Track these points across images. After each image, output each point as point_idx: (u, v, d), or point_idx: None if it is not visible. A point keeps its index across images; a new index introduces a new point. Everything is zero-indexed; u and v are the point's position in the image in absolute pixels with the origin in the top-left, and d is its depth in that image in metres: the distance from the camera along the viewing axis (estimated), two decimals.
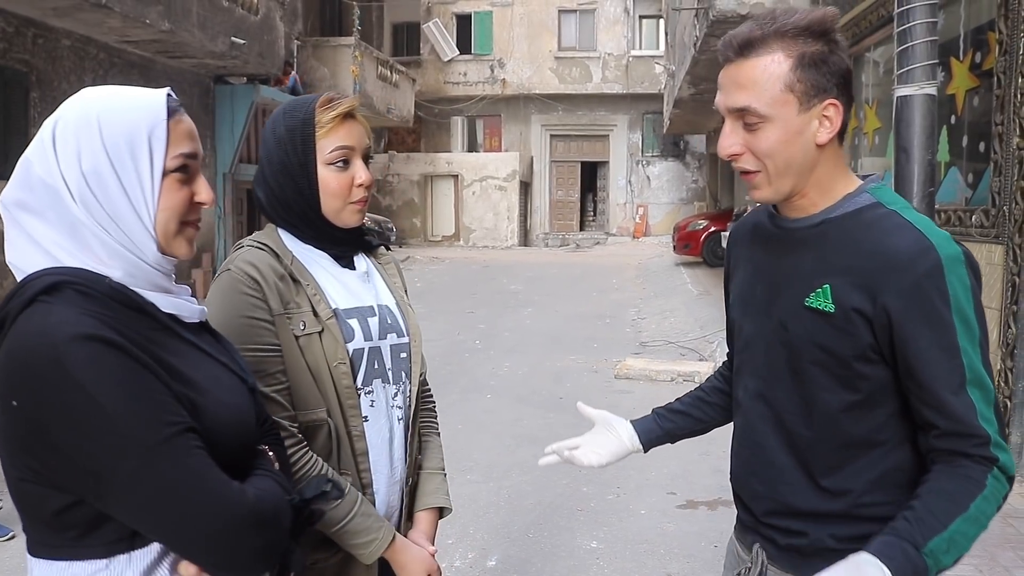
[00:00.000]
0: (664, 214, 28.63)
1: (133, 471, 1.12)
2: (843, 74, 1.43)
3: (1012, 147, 4.93)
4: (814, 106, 1.41)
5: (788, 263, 1.50)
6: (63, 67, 11.57)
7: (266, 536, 1.22)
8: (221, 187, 15.45)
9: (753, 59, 1.41)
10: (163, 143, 1.26)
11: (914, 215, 1.42)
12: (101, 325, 1.14)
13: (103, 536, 1.19)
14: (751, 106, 1.42)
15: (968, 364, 1.36)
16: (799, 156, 1.43)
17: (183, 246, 1.32)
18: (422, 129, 29.00)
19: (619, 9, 28.26)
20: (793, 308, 1.47)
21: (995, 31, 5.12)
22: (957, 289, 1.35)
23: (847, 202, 1.47)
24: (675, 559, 4.27)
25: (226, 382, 1.31)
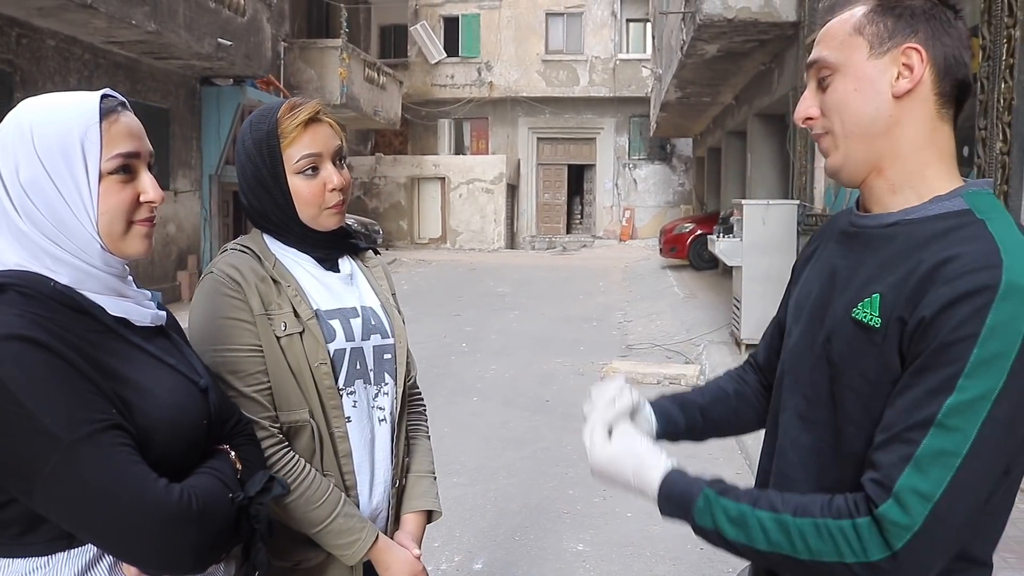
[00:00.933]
0: (650, 217, 28.70)
1: (53, 468, 1.13)
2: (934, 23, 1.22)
3: (995, 152, 4.97)
4: (889, 50, 1.22)
5: (848, 266, 1.28)
6: (48, 67, 11.51)
7: (195, 533, 1.21)
8: (207, 189, 15.39)
9: (837, 15, 1.29)
10: (97, 146, 1.26)
11: (1006, 230, 1.14)
12: (32, 325, 1.15)
13: (42, 534, 1.20)
14: (820, 56, 1.28)
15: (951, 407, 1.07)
16: (870, 109, 1.23)
17: (136, 244, 1.32)
18: (409, 131, 28.98)
19: (606, 12, 28.32)
20: (840, 318, 1.24)
21: (978, 37, 5.16)
22: (1003, 327, 1.05)
23: (933, 204, 1.22)
24: (661, 562, 4.27)
25: (168, 383, 1.31)
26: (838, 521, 1.12)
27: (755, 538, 1.18)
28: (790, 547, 1.14)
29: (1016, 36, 4.80)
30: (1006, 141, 4.89)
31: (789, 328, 1.42)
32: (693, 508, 1.24)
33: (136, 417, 1.22)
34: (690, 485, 1.26)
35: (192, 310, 1.71)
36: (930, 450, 1.07)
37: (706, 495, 1.23)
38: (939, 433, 1.07)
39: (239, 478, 1.38)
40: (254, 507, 1.35)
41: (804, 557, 1.13)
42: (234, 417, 1.49)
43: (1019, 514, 4.51)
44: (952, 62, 1.23)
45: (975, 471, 1.07)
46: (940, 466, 1.07)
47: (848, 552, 1.10)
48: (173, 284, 13.79)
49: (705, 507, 1.22)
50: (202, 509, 1.23)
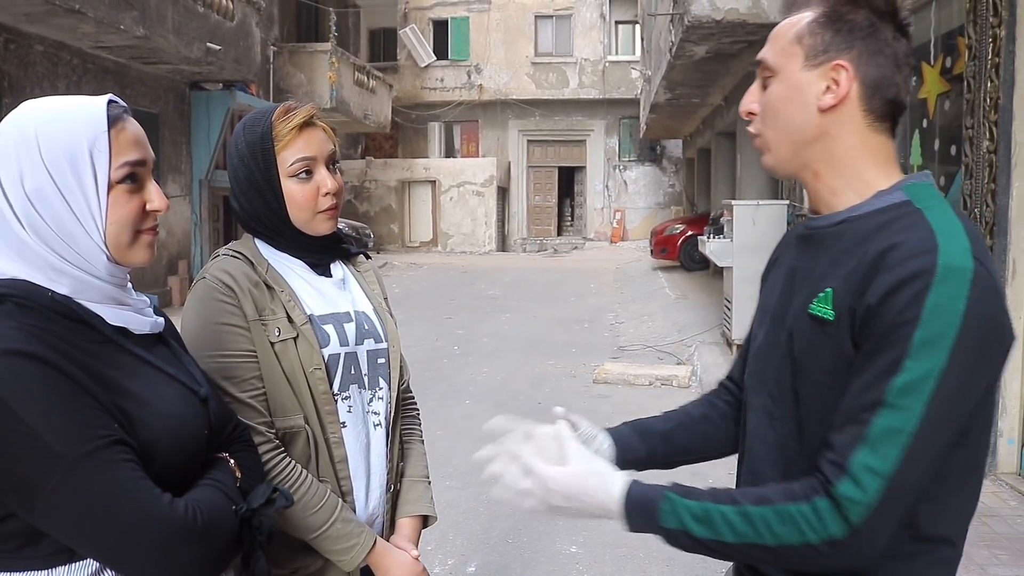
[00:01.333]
0: (641, 219, 28.74)
1: (56, 486, 1.10)
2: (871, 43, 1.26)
3: (982, 150, 5.00)
4: (821, 64, 1.27)
5: (804, 267, 1.34)
6: (36, 73, 11.46)
7: (200, 548, 1.19)
8: (197, 194, 15.36)
9: (791, 15, 1.33)
10: (105, 155, 1.23)
11: (941, 216, 1.20)
12: (31, 339, 1.13)
13: (42, 548, 1.17)
14: (764, 57, 1.34)
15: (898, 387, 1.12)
16: (797, 119, 1.29)
17: (141, 253, 1.30)
18: (399, 135, 28.95)
19: (595, 14, 28.36)
20: (799, 316, 1.29)
21: (965, 36, 5.19)
22: (942, 308, 1.11)
23: (876, 199, 1.27)
24: (654, 563, 4.28)
25: (169, 394, 1.29)
26: (796, 505, 1.17)
27: (722, 532, 1.20)
28: (756, 535, 1.18)
29: (1001, 35, 4.83)
30: (993, 140, 4.92)
31: (754, 332, 1.47)
32: (658, 512, 1.24)
33: (138, 430, 1.20)
34: (651, 491, 1.27)
35: (184, 315, 1.69)
36: (880, 429, 1.13)
37: (668, 498, 1.25)
38: (888, 412, 1.13)
39: (239, 487, 1.36)
40: (257, 519, 1.34)
41: (770, 543, 1.17)
42: (231, 423, 1.47)
43: (1010, 511, 4.54)
44: (883, 82, 1.27)
45: (924, 446, 1.13)
46: (890, 443, 1.12)
47: (810, 532, 1.15)
48: (164, 289, 13.75)
49: (669, 509, 1.24)
50: (207, 524, 1.21)
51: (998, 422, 5.02)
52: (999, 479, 4.99)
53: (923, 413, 1.11)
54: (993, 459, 5.06)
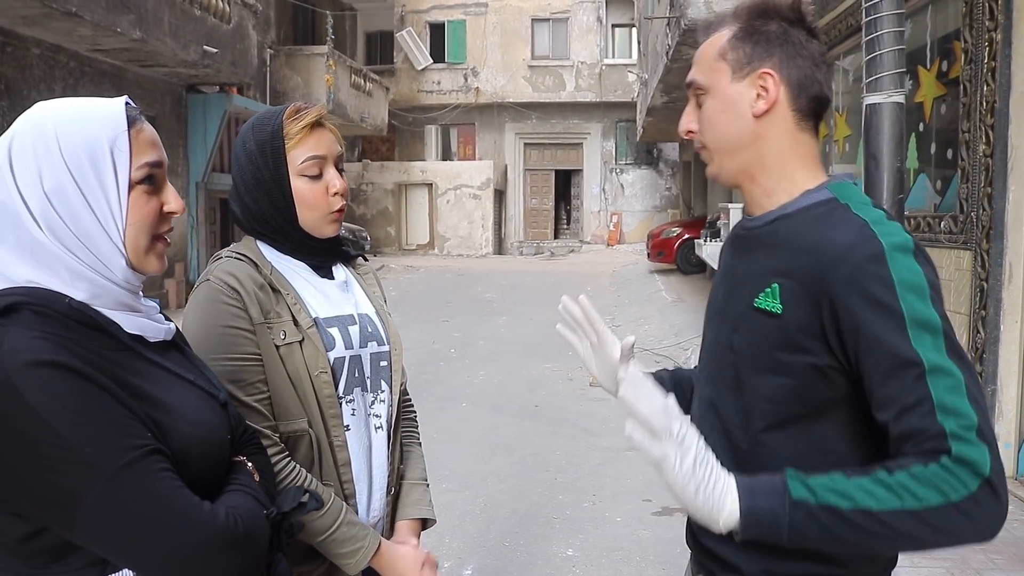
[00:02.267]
0: (638, 222, 28.76)
1: (96, 499, 1.08)
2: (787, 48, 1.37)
3: (979, 154, 5.01)
4: (748, 75, 1.38)
5: (744, 264, 1.44)
6: (33, 76, 11.45)
7: (241, 556, 1.18)
8: (194, 197, 15.35)
9: (710, 36, 1.44)
10: (126, 154, 1.22)
11: (867, 210, 1.31)
12: (57, 348, 1.10)
13: (72, 563, 1.15)
14: (694, 78, 1.44)
15: (922, 351, 1.19)
16: (735, 128, 1.40)
17: (155, 262, 1.28)
18: (396, 138, 28.95)
19: (592, 18, 28.39)
20: (743, 310, 1.38)
21: (961, 40, 5.20)
22: (904, 275, 1.22)
23: (804, 197, 1.38)
24: (651, 566, 4.28)
25: (194, 400, 1.27)
26: (927, 467, 1.17)
27: (861, 499, 1.17)
28: (898, 500, 1.16)
29: (998, 39, 4.84)
30: (989, 144, 4.93)
31: (704, 331, 1.56)
32: (787, 486, 1.20)
33: (170, 439, 1.18)
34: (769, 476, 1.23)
35: (187, 318, 1.68)
36: (940, 392, 1.18)
37: (791, 474, 1.22)
38: (934, 378, 1.18)
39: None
40: (287, 522, 1.33)
41: (915, 506, 1.15)
42: (241, 426, 1.46)
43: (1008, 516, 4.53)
44: (805, 81, 1.39)
45: (974, 383, 1.21)
46: (957, 398, 1.18)
47: (951, 490, 1.15)
48: (160, 292, 13.75)
49: (799, 482, 1.21)
50: (248, 531, 1.20)
51: (995, 426, 5.02)
52: None
53: (954, 360, 1.20)
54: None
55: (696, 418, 1.48)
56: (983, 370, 5.01)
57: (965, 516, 1.16)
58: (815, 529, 1.19)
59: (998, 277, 4.94)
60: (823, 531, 1.19)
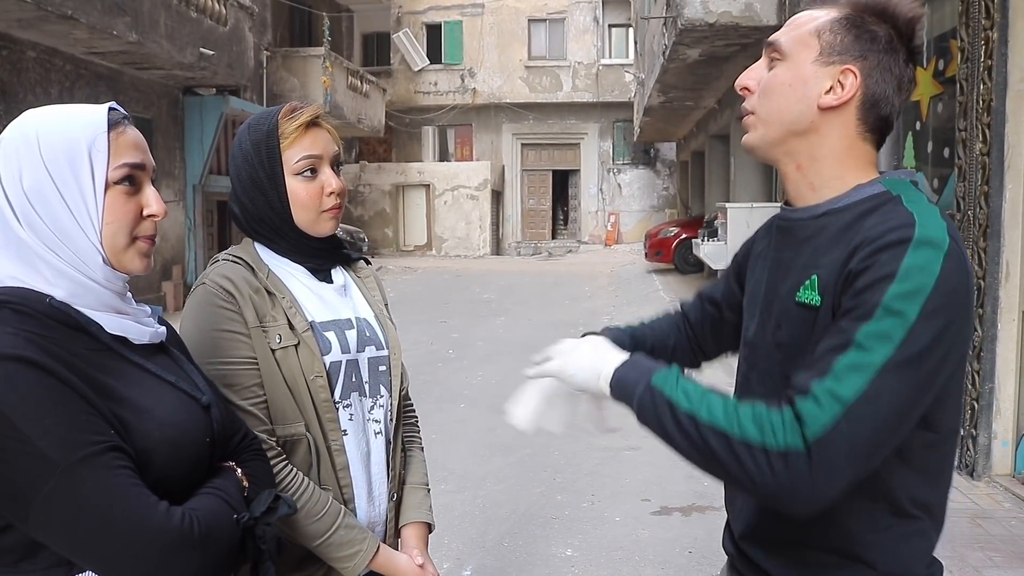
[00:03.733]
0: (635, 222, 28.77)
1: (49, 492, 1.09)
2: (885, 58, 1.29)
3: (975, 152, 5.01)
4: (833, 63, 1.30)
5: (787, 257, 1.37)
6: (28, 79, 11.45)
7: (197, 558, 1.17)
8: (191, 199, 15.34)
9: (816, 7, 1.36)
10: (104, 155, 1.24)
11: (918, 203, 1.25)
12: (26, 344, 1.12)
13: (40, 560, 1.16)
14: (778, 40, 1.36)
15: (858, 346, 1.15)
16: (794, 108, 1.32)
17: (136, 261, 1.29)
18: (393, 139, 28.96)
19: (588, 18, 28.40)
20: (786, 305, 1.33)
21: (957, 39, 5.20)
22: (918, 269, 1.16)
23: (856, 191, 1.32)
24: (649, 565, 4.28)
25: (170, 402, 1.27)
26: (771, 411, 1.18)
27: (698, 407, 1.22)
28: (726, 422, 1.19)
29: (994, 38, 4.84)
30: (986, 142, 4.93)
31: (746, 324, 1.50)
32: (657, 371, 1.29)
33: (135, 438, 1.19)
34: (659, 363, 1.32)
35: (184, 322, 1.67)
36: (846, 363, 1.15)
37: (672, 370, 1.29)
38: (855, 352, 1.15)
39: (246, 496, 1.34)
40: (260, 527, 1.32)
41: (734, 433, 1.18)
42: (240, 432, 1.45)
43: (1005, 513, 4.55)
44: (883, 100, 1.31)
45: (888, 388, 1.14)
46: (856, 375, 1.14)
47: (771, 438, 1.15)
48: (158, 295, 13.73)
49: (670, 375, 1.27)
50: (205, 533, 1.19)
51: (992, 424, 5.04)
52: (994, 481, 5.00)
53: (891, 355, 1.14)
54: (988, 461, 5.07)
55: None
56: (981, 368, 5.01)
57: (768, 465, 1.15)
58: (651, 413, 1.27)
59: (995, 275, 4.95)
60: (656, 417, 1.26)
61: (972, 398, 5.08)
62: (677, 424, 1.23)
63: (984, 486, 4.96)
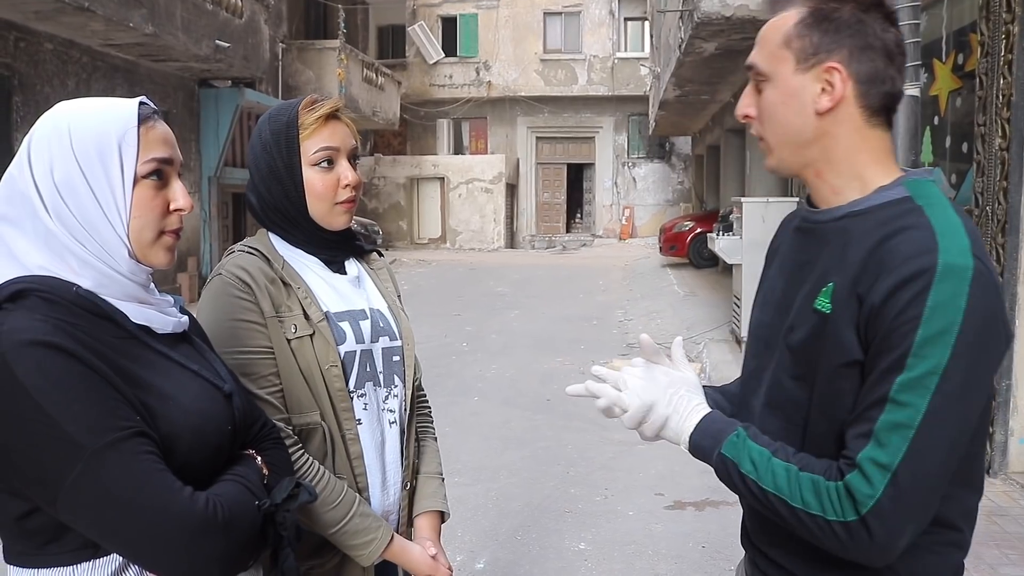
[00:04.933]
0: (650, 216, 28.69)
1: (77, 476, 1.11)
2: (859, 39, 1.26)
3: (994, 148, 4.97)
4: (812, 67, 1.28)
5: (806, 260, 1.36)
6: (46, 71, 11.50)
7: (220, 543, 1.19)
8: (207, 191, 15.39)
9: (776, 15, 1.33)
10: (134, 148, 1.26)
11: (941, 215, 1.22)
12: (55, 331, 1.14)
13: (67, 543, 1.18)
14: (754, 62, 1.34)
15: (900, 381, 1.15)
16: (796, 123, 1.31)
17: (161, 255, 1.32)
18: (408, 132, 28.96)
19: (604, 11, 28.31)
20: (802, 310, 1.32)
21: (977, 33, 5.16)
22: (943, 306, 1.13)
23: (878, 195, 1.29)
24: (663, 560, 4.28)
25: (192, 389, 1.29)
26: (830, 482, 1.21)
27: (763, 476, 1.27)
28: (788, 492, 1.24)
29: (1015, 32, 4.80)
30: (1005, 137, 4.89)
31: (758, 317, 1.50)
32: (725, 439, 1.33)
33: (160, 424, 1.21)
34: (728, 423, 1.36)
35: (200, 312, 1.69)
36: (885, 424, 1.16)
37: (740, 432, 1.32)
38: (893, 408, 1.16)
39: (266, 483, 1.36)
40: (280, 514, 1.34)
41: (795, 504, 1.23)
42: (260, 420, 1.47)
43: (1021, 511, 4.52)
44: (877, 77, 1.28)
45: (931, 440, 1.15)
46: (896, 436, 1.16)
47: (830, 509, 1.20)
48: (173, 286, 13.80)
49: (737, 441, 1.31)
50: (228, 518, 1.21)
51: (1009, 421, 5.00)
52: (1010, 478, 4.97)
53: (928, 408, 1.14)
54: (1004, 458, 5.04)
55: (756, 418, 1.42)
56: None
57: (832, 533, 1.21)
58: (725, 477, 1.33)
59: (1014, 272, 4.91)
60: (730, 480, 1.32)
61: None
62: (748, 489, 1.29)
63: (1000, 483, 4.93)
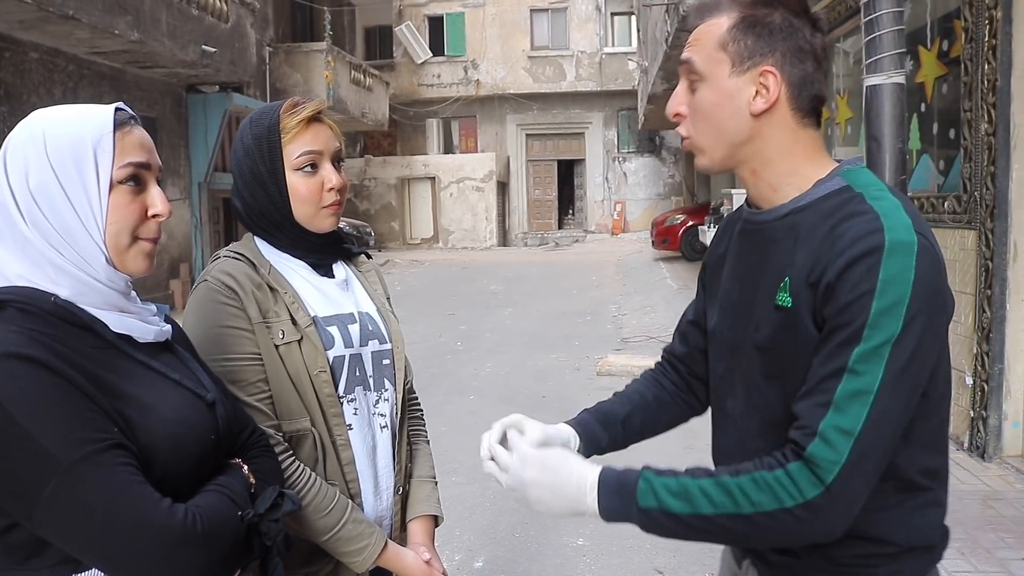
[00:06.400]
0: (642, 210, 28.72)
1: (52, 490, 1.09)
2: (791, 43, 1.31)
3: (981, 133, 4.99)
4: (748, 70, 1.31)
5: (760, 260, 1.38)
6: (32, 80, 11.46)
7: (200, 555, 1.17)
8: (196, 196, 15.36)
9: (707, 20, 1.36)
10: (109, 154, 1.24)
11: (881, 199, 1.27)
12: (30, 342, 1.12)
13: (48, 558, 1.17)
14: (691, 59, 1.37)
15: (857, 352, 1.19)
16: (730, 124, 1.34)
17: (139, 261, 1.29)
18: (397, 132, 28.95)
19: (590, 7, 28.32)
20: (764, 308, 1.35)
21: (961, 19, 5.17)
22: (894, 280, 1.18)
23: (816, 188, 1.33)
24: (662, 554, 4.28)
25: (173, 399, 1.27)
26: (772, 472, 1.22)
27: (699, 504, 1.24)
28: (733, 504, 1.23)
29: (998, 17, 4.81)
30: (991, 122, 4.91)
31: (717, 326, 1.51)
32: (636, 492, 1.28)
33: (138, 435, 1.19)
34: (627, 473, 1.32)
35: (187, 319, 1.67)
36: (845, 392, 1.19)
37: (645, 476, 1.29)
38: (852, 377, 1.19)
39: (253, 492, 1.34)
40: (265, 524, 1.32)
41: (748, 511, 1.22)
42: (248, 428, 1.45)
43: (1016, 494, 4.54)
44: (807, 80, 1.33)
45: (889, 404, 1.19)
46: (857, 403, 1.19)
47: (786, 496, 1.20)
48: (166, 293, 13.77)
49: (647, 487, 1.28)
50: (208, 530, 1.19)
51: (1003, 405, 5.02)
52: (1005, 462, 4.99)
53: (884, 373, 1.18)
54: (999, 442, 5.05)
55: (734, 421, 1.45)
56: (990, 349, 5.00)
57: (794, 520, 1.20)
58: (658, 528, 1.29)
59: (1003, 256, 4.93)
60: (666, 530, 1.29)
61: (982, 379, 5.06)
62: (690, 528, 1.27)
63: (995, 467, 4.95)
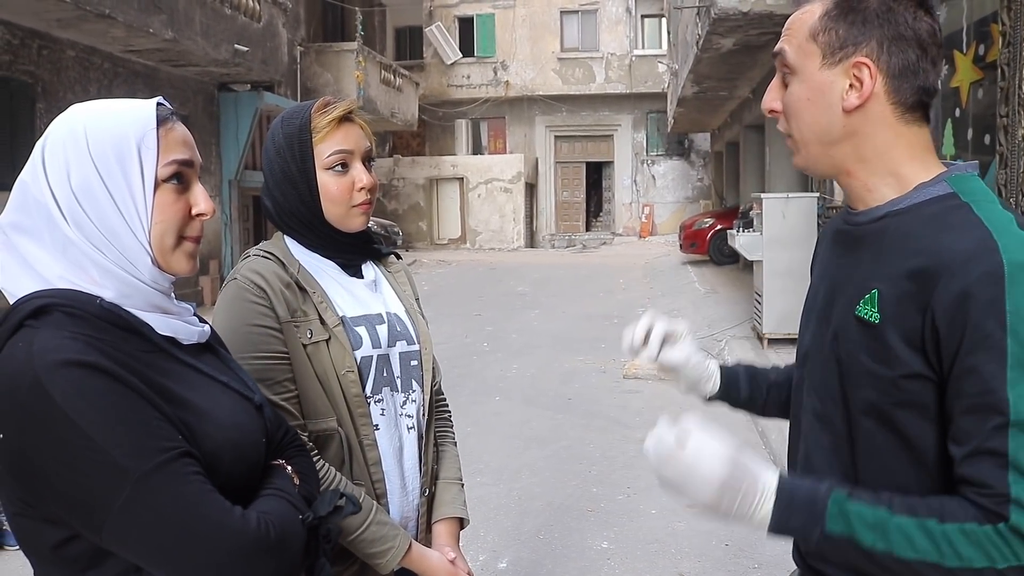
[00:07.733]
0: (670, 213, 28.61)
1: (125, 502, 1.06)
2: (889, 30, 1.19)
3: (1017, 139, 4.92)
4: (840, 62, 1.21)
5: (847, 265, 1.28)
6: (68, 77, 11.62)
7: (274, 562, 1.15)
8: (227, 194, 15.49)
9: (802, 7, 1.27)
10: (153, 151, 1.20)
11: (992, 211, 1.14)
12: (88, 349, 1.09)
13: (107, 569, 1.13)
14: (783, 50, 1.28)
15: (1014, 400, 1.06)
16: (822, 121, 1.24)
17: (183, 262, 1.25)
18: (426, 133, 29.03)
19: (621, 9, 28.26)
20: (844, 317, 1.24)
21: (998, 23, 5.11)
22: (1021, 304, 1.06)
23: (918, 192, 1.21)
24: (686, 558, 4.26)
25: (226, 403, 1.25)
26: (982, 527, 1.09)
27: (897, 545, 1.11)
28: (937, 554, 1.10)
29: None
30: None
31: (801, 332, 1.42)
32: (825, 513, 1.15)
33: (200, 442, 1.15)
34: (811, 489, 1.18)
35: (216, 317, 1.67)
36: (1018, 449, 1.06)
37: (836, 499, 1.15)
38: (1016, 433, 1.07)
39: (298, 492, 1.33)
40: (324, 527, 1.30)
41: (952, 564, 1.09)
42: (282, 428, 1.43)
43: None
44: (909, 70, 1.21)
45: None
46: None
47: (999, 557, 1.08)
48: (195, 289, 13.91)
49: (837, 511, 1.14)
50: (280, 537, 1.17)
51: None
52: None
53: None
54: None
55: (803, 432, 1.37)
56: None
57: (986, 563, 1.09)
58: (840, 557, 1.16)
59: None
60: (849, 560, 1.16)
61: None
62: (875, 564, 1.14)
63: None
